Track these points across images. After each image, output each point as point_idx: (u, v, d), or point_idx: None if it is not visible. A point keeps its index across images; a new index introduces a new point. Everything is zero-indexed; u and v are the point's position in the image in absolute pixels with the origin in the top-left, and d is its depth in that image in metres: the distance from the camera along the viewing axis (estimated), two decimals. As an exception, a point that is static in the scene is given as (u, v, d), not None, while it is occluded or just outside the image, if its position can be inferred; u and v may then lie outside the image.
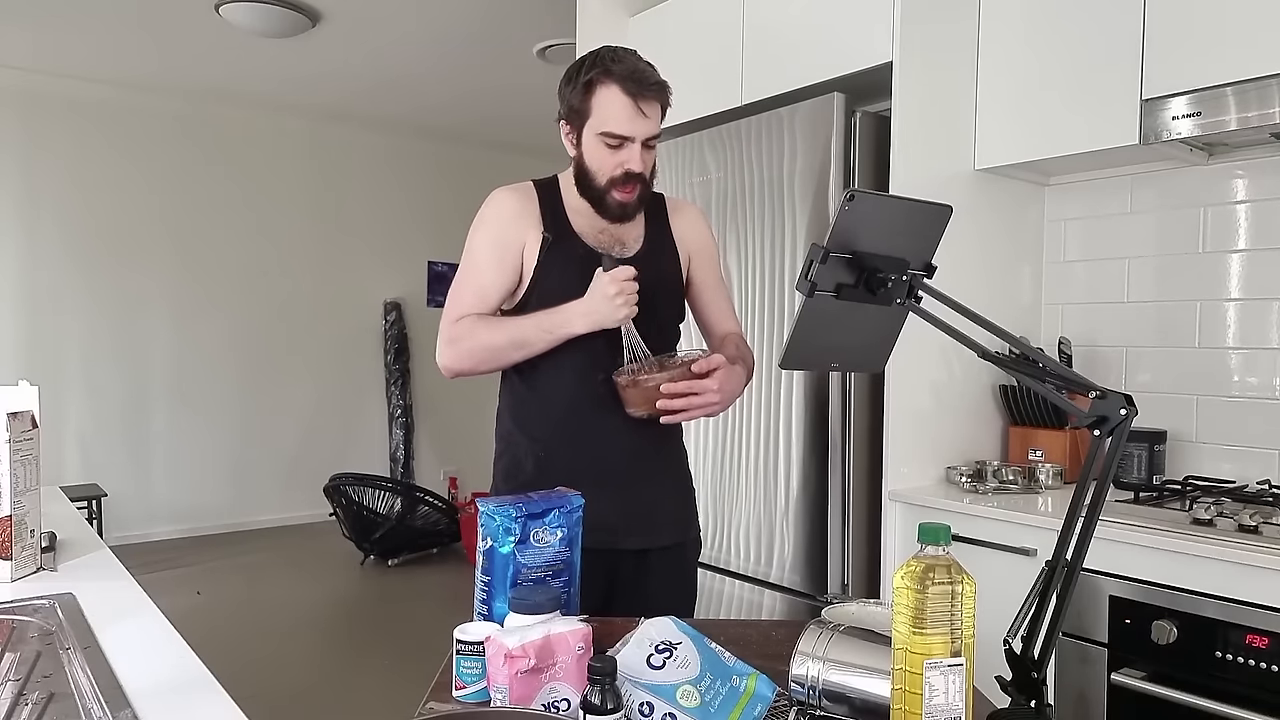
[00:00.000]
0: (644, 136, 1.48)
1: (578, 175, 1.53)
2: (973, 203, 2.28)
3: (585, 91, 1.47)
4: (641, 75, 1.46)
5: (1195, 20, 1.89)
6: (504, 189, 1.58)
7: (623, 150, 1.47)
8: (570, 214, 1.55)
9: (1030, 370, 1.16)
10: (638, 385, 1.44)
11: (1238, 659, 1.55)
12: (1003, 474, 2.15)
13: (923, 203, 1.13)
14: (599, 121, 1.47)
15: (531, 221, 1.54)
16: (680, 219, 1.66)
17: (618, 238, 1.56)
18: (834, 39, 2.26)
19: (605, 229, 1.56)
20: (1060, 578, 0.94)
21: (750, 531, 2.31)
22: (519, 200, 1.56)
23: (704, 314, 1.70)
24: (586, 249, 1.53)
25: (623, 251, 1.55)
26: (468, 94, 5.30)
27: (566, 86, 1.51)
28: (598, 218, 1.55)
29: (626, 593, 1.53)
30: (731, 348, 1.62)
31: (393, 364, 6.27)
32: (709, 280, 1.69)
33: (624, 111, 1.45)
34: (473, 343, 1.51)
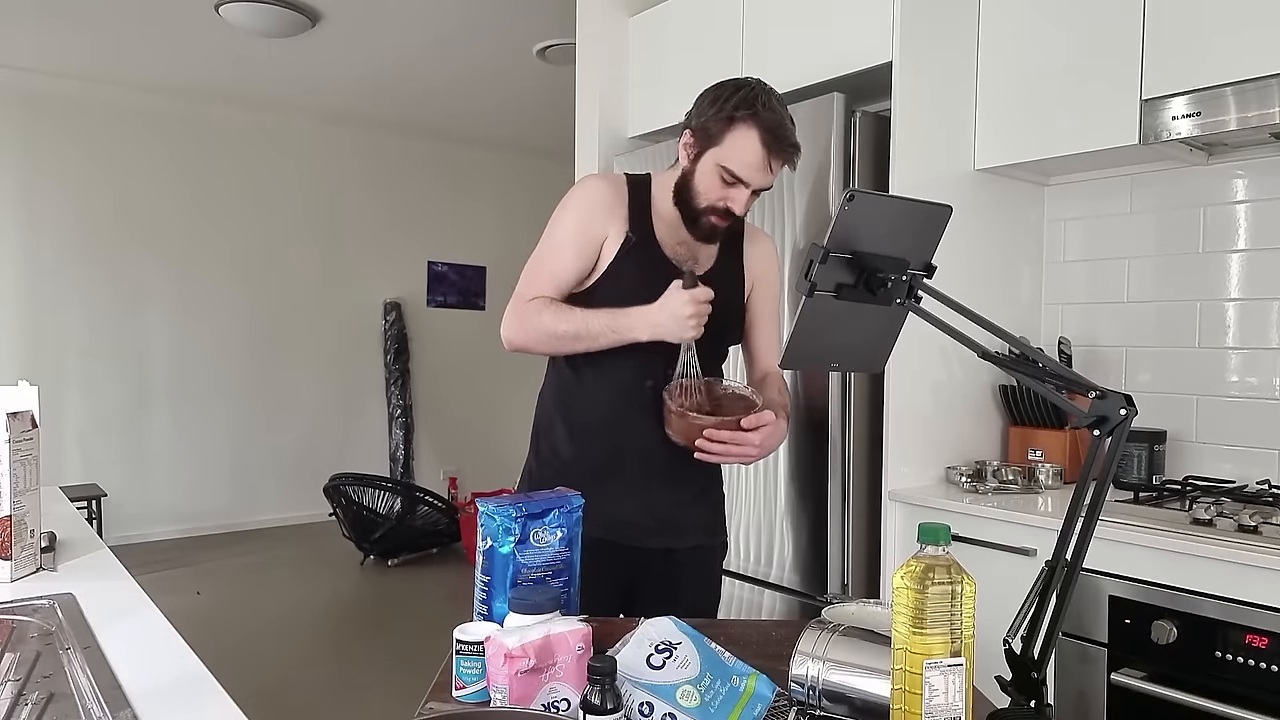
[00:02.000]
0: (760, 187, 1.50)
1: (680, 187, 1.53)
2: (973, 203, 2.28)
3: (727, 123, 1.46)
4: (785, 132, 1.47)
5: (1195, 20, 1.89)
6: (598, 176, 1.61)
7: (734, 189, 1.49)
8: (655, 219, 1.57)
9: (1030, 370, 1.16)
10: (685, 419, 1.45)
11: (1238, 659, 1.55)
12: (1003, 474, 2.15)
13: (922, 203, 1.13)
14: (726, 155, 1.47)
15: (619, 216, 1.55)
16: (753, 247, 1.68)
17: (693, 253, 1.58)
18: (834, 39, 2.25)
19: (684, 241, 1.57)
20: (1060, 578, 0.94)
21: (750, 531, 2.31)
22: (611, 192, 1.57)
23: (752, 345, 1.71)
24: (663, 257, 1.55)
25: (695, 267, 1.57)
26: (468, 94, 5.30)
27: (709, 106, 1.49)
28: (681, 230, 1.56)
29: (653, 591, 1.56)
30: (774, 391, 1.63)
31: (393, 364, 6.27)
32: (764, 312, 1.70)
33: (755, 159, 1.46)
34: (538, 323, 1.51)
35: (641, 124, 2.84)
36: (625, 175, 1.62)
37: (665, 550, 1.58)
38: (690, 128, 1.53)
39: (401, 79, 5.03)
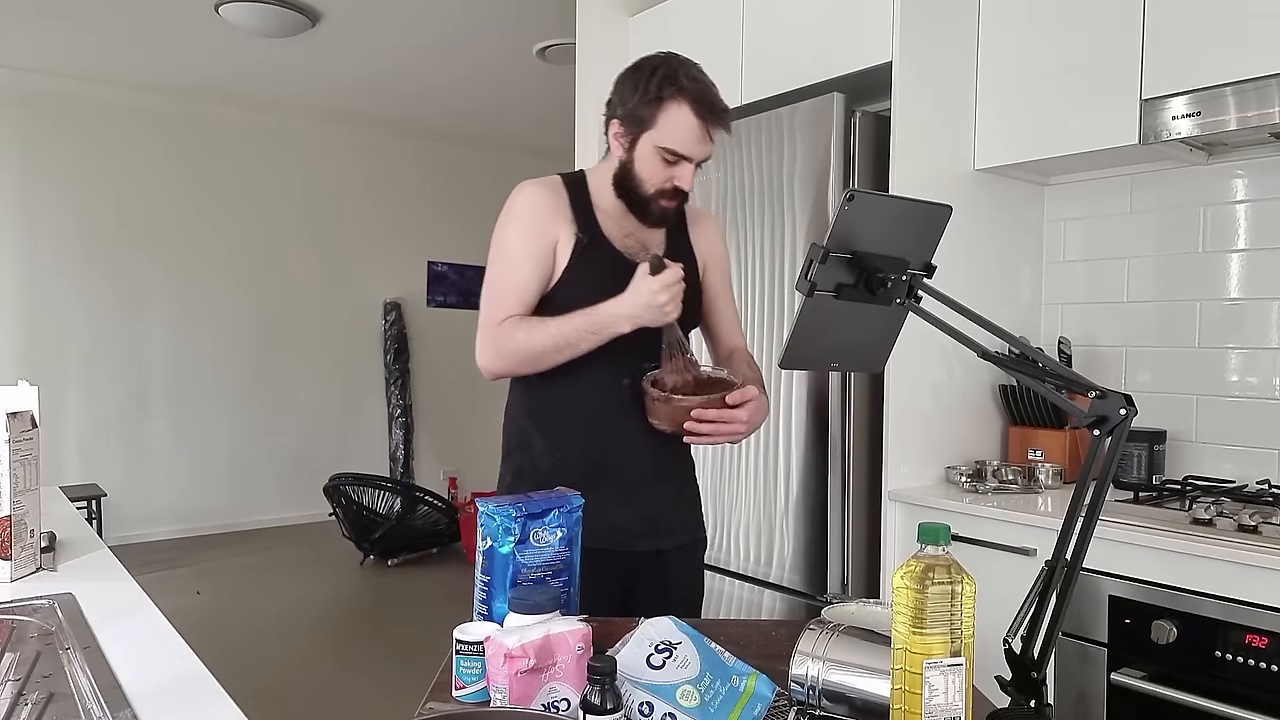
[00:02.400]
0: (701, 158, 1.48)
1: (621, 178, 1.51)
2: (972, 203, 2.28)
3: (655, 103, 1.45)
4: (713, 99, 1.46)
5: (1195, 20, 1.89)
6: (533, 183, 1.55)
7: (677, 167, 1.47)
8: (599, 215, 1.54)
9: (1030, 370, 1.16)
10: (669, 403, 1.44)
11: (1237, 659, 1.55)
12: (1002, 474, 2.15)
13: (922, 202, 1.13)
14: (662, 136, 1.45)
15: (564, 219, 1.52)
16: (698, 229, 1.66)
17: (641, 242, 1.56)
18: (834, 39, 2.26)
19: (631, 233, 1.55)
20: (1060, 577, 0.94)
21: (750, 531, 2.31)
22: (551, 196, 1.53)
23: (713, 325, 1.70)
24: (615, 252, 1.53)
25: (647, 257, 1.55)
26: (468, 94, 5.30)
27: (631, 91, 1.47)
28: (624, 221, 1.54)
29: (646, 592, 1.54)
30: (745, 367, 1.62)
31: (392, 364, 6.27)
32: (720, 291, 1.69)
33: (692, 133, 1.45)
34: (514, 345, 1.48)
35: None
36: (559, 175, 1.58)
37: (655, 552, 1.56)
38: (617, 116, 1.50)
39: (401, 79, 5.03)
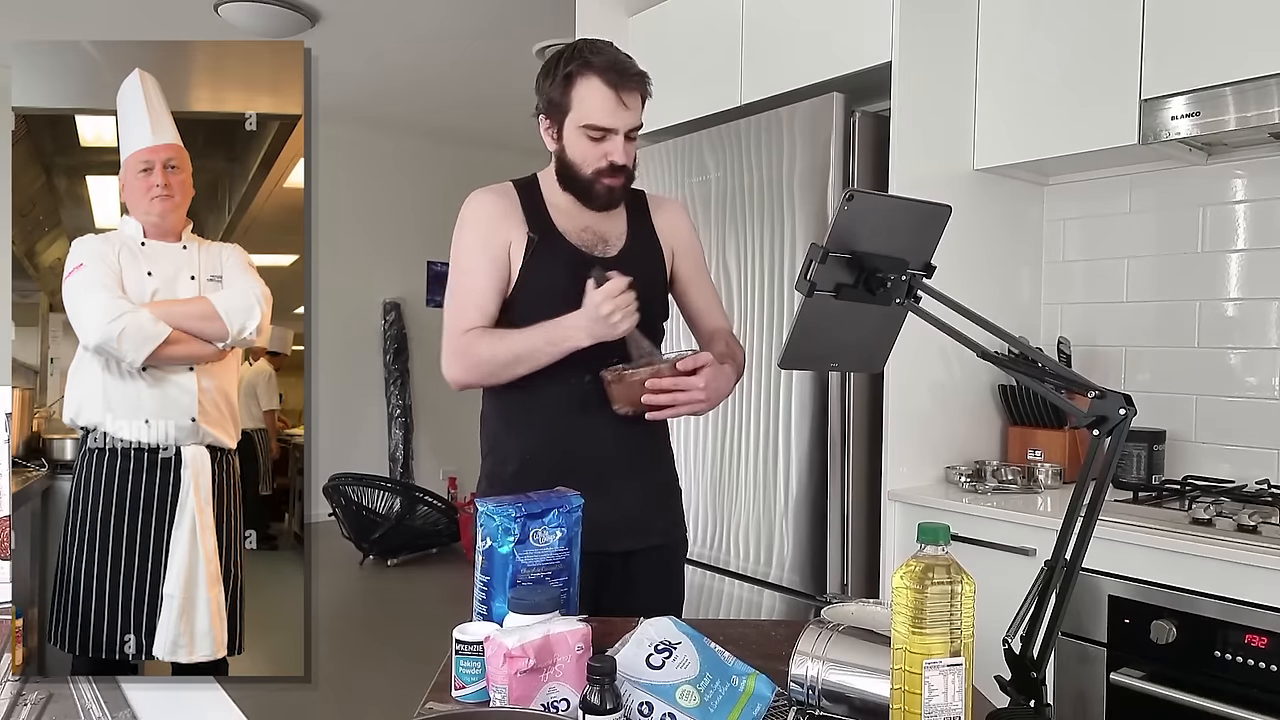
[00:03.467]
0: (627, 128, 1.48)
1: (560, 169, 1.52)
2: (972, 203, 2.28)
3: (565, 85, 1.46)
4: (622, 66, 1.46)
5: (1194, 20, 1.89)
6: (482, 190, 1.57)
7: (606, 142, 1.47)
8: (553, 212, 1.54)
9: (1029, 370, 1.16)
10: (623, 381, 1.43)
11: (1237, 658, 1.55)
12: (1002, 474, 2.15)
13: (922, 202, 1.13)
14: (581, 115, 1.46)
15: (515, 221, 1.53)
16: (662, 215, 1.65)
17: (600, 235, 1.55)
18: (833, 39, 2.25)
19: (588, 226, 1.55)
20: (1059, 577, 0.94)
21: (749, 531, 2.31)
22: (499, 200, 1.55)
23: (690, 309, 1.69)
24: (571, 248, 1.52)
25: (605, 250, 1.54)
26: (467, 93, 5.30)
27: (544, 80, 1.50)
28: (580, 215, 1.54)
29: (614, 595, 1.50)
30: (720, 344, 1.61)
31: (392, 364, 6.27)
32: (693, 276, 1.68)
33: (606, 103, 1.45)
34: (477, 358, 1.49)
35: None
36: (511, 181, 1.59)
37: (625, 554, 1.52)
38: (541, 112, 1.52)
39: (401, 79, 5.03)
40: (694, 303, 1.68)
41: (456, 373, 1.52)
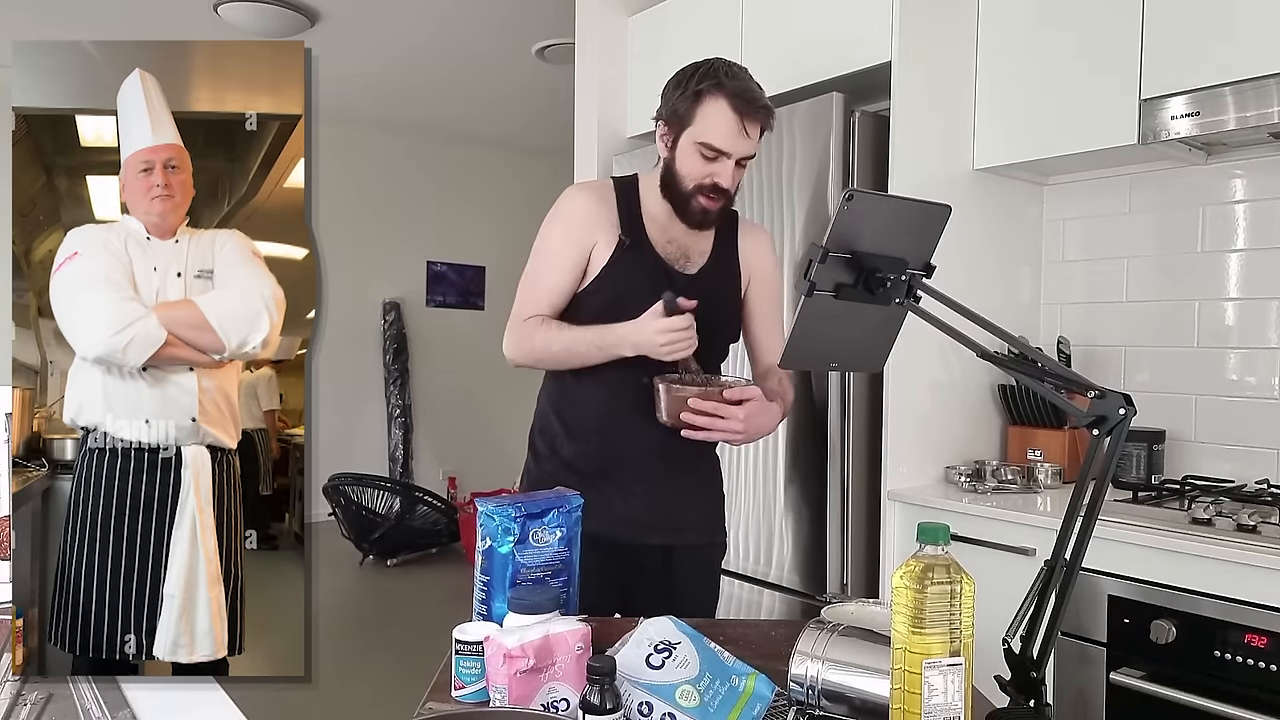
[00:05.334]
0: (741, 155, 1.49)
1: (665, 177, 1.54)
2: (972, 202, 2.28)
3: (694, 99, 1.47)
4: (752, 95, 1.47)
5: (1194, 20, 1.89)
6: (580, 186, 1.62)
7: (717, 163, 1.48)
8: (646, 219, 1.57)
9: (1029, 370, 1.16)
10: (670, 392, 1.46)
11: (1236, 658, 1.55)
12: (1002, 474, 2.15)
13: (921, 202, 1.13)
14: (700, 131, 1.47)
15: (606, 222, 1.55)
16: (748, 241, 1.67)
17: (684, 250, 1.58)
18: (833, 39, 2.25)
19: (674, 240, 1.57)
20: (1059, 577, 0.94)
21: (749, 531, 2.31)
22: (595, 200, 1.58)
23: (752, 339, 1.71)
24: (656, 257, 1.55)
25: (686, 265, 1.57)
26: (466, 93, 5.29)
27: (675, 90, 1.51)
28: (670, 227, 1.56)
29: (650, 589, 1.56)
30: (774, 381, 1.64)
31: (392, 364, 6.27)
32: (763, 307, 1.69)
33: (729, 127, 1.46)
34: (533, 345, 1.56)
35: (641, 124, 2.84)
36: (612, 179, 1.62)
37: (665, 548, 1.58)
38: (662, 118, 1.53)
39: (400, 79, 5.03)
40: (757, 333, 1.70)
41: (512, 352, 1.59)
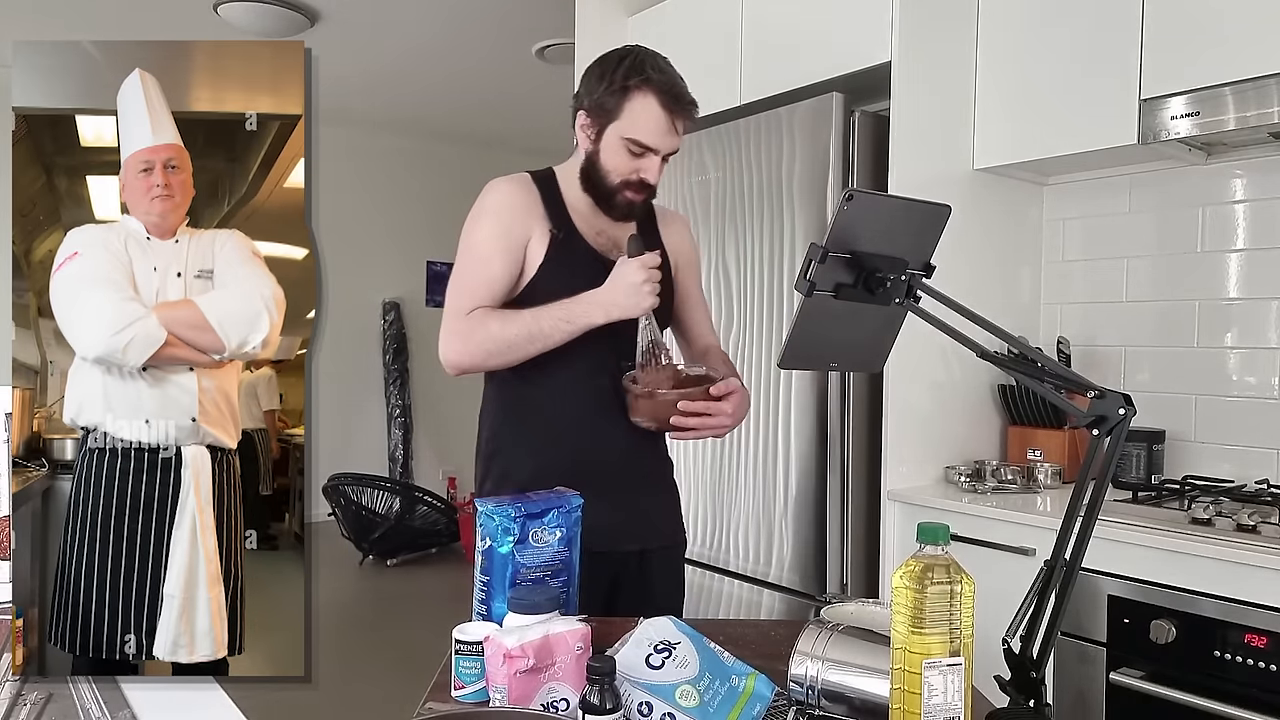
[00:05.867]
0: (668, 151, 1.48)
1: (587, 169, 1.50)
2: (971, 202, 2.28)
3: (621, 94, 1.44)
4: (680, 91, 1.46)
5: (1194, 20, 1.89)
6: (504, 180, 1.55)
7: (644, 159, 1.46)
8: (571, 212, 1.54)
9: (1029, 370, 1.16)
10: (653, 398, 1.43)
11: (1236, 658, 1.55)
12: (1001, 473, 2.15)
13: (921, 202, 1.13)
14: (628, 126, 1.45)
15: (536, 216, 1.51)
16: (668, 229, 1.65)
17: (614, 241, 1.55)
18: (833, 39, 2.26)
19: (602, 231, 1.54)
20: (1059, 577, 0.94)
21: (749, 531, 2.31)
22: (522, 193, 1.53)
23: (685, 325, 1.70)
24: (588, 248, 1.52)
25: (618, 255, 1.52)
26: (466, 93, 5.30)
27: (598, 82, 1.47)
28: (595, 218, 1.54)
29: (629, 592, 1.53)
30: (719, 363, 1.62)
31: (391, 364, 6.27)
32: (691, 291, 1.69)
33: (658, 125, 1.44)
34: (486, 335, 1.45)
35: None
36: (529, 173, 1.57)
37: (639, 552, 1.55)
38: (584, 108, 1.50)
39: (400, 79, 5.03)
40: (689, 318, 1.69)
41: (457, 353, 1.47)
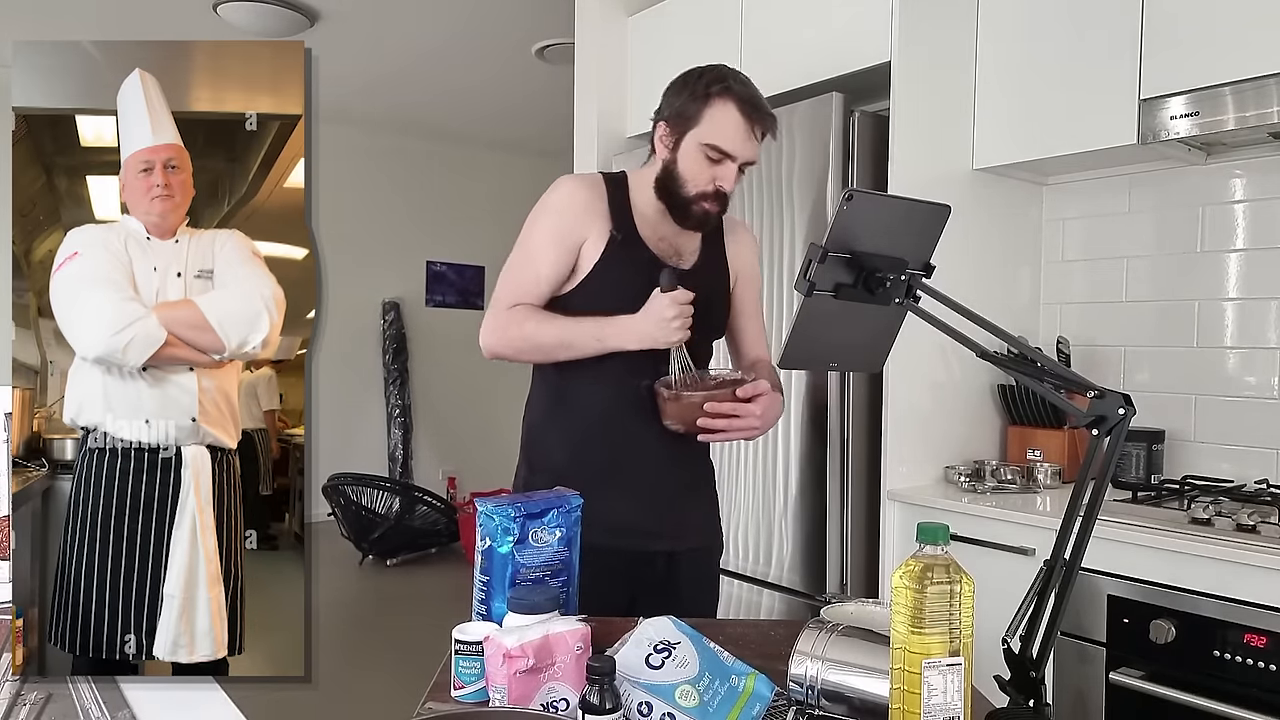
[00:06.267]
0: (746, 159, 1.49)
1: (664, 178, 1.52)
2: (971, 202, 2.28)
3: (704, 101, 1.46)
4: (759, 101, 1.48)
5: (1193, 20, 1.89)
6: (574, 178, 1.58)
7: (721, 166, 1.48)
8: (636, 216, 1.55)
9: (1029, 370, 1.16)
10: (680, 400, 1.44)
11: (1236, 658, 1.55)
12: (1001, 473, 2.15)
13: (921, 202, 1.13)
14: (708, 132, 1.46)
15: (598, 217, 1.53)
16: (734, 240, 1.67)
17: (676, 249, 1.57)
18: (832, 39, 2.26)
19: (665, 238, 1.56)
20: (1059, 577, 0.94)
21: (749, 531, 2.31)
22: (589, 193, 1.55)
23: (737, 337, 1.71)
24: (649, 253, 1.53)
25: (679, 263, 1.56)
26: (466, 93, 5.29)
27: (681, 90, 1.50)
28: (661, 224, 1.55)
29: (653, 594, 1.53)
30: (764, 373, 1.63)
31: (391, 364, 6.27)
32: (748, 304, 1.70)
33: (737, 130, 1.46)
34: (520, 333, 1.50)
35: (640, 123, 2.84)
36: (602, 174, 1.60)
37: (667, 553, 1.56)
38: (664, 119, 1.52)
39: (399, 79, 5.03)
40: (743, 330, 1.70)
41: (495, 341, 1.53)
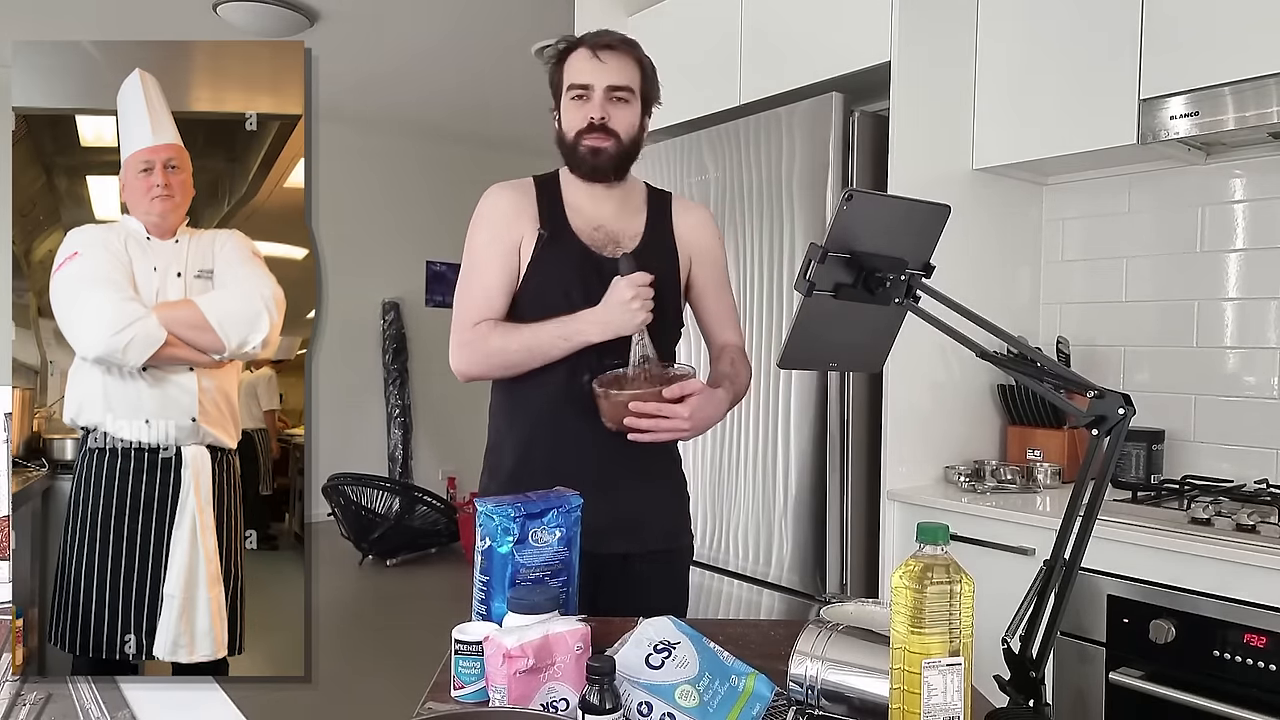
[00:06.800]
0: (605, 83, 1.50)
1: (558, 145, 1.56)
2: (971, 202, 2.28)
3: (558, 64, 1.54)
4: (605, 33, 1.52)
5: (1193, 20, 1.89)
6: (500, 186, 1.59)
7: (587, 102, 1.50)
8: (568, 209, 1.55)
9: (1028, 370, 1.16)
10: (609, 399, 1.42)
11: (1236, 658, 1.55)
12: (1001, 473, 2.15)
13: (921, 202, 1.13)
14: (566, 81, 1.52)
15: (528, 217, 1.54)
16: (684, 219, 1.63)
17: (612, 236, 1.55)
18: (832, 39, 2.26)
19: (600, 225, 1.55)
20: (1058, 577, 0.94)
21: (749, 531, 2.31)
22: (515, 197, 1.56)
23: (702, 320, 1.68)
24: (582, 246, 1.52)
25: (615, 250, 1.53)
26: (465, 93, 5.30)
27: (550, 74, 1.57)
28: (594, 212, 1.54)
29: (613, 598, 1.48)
30: (725, 363, 1.60)
31: (391, 364, 6.27)
32: (709, 285, 1.65)
33: (585, 62, 1.51)
34: (486, 349, 1.50)
35: (640, 124, 2.84)
36: (533, 177, 1.60)
37: (622, 555, 1.50)
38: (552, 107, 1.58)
39: (399, 79, 5.03)
40: (707, 311, 1.67)
41: (464, 364, 1.54)
